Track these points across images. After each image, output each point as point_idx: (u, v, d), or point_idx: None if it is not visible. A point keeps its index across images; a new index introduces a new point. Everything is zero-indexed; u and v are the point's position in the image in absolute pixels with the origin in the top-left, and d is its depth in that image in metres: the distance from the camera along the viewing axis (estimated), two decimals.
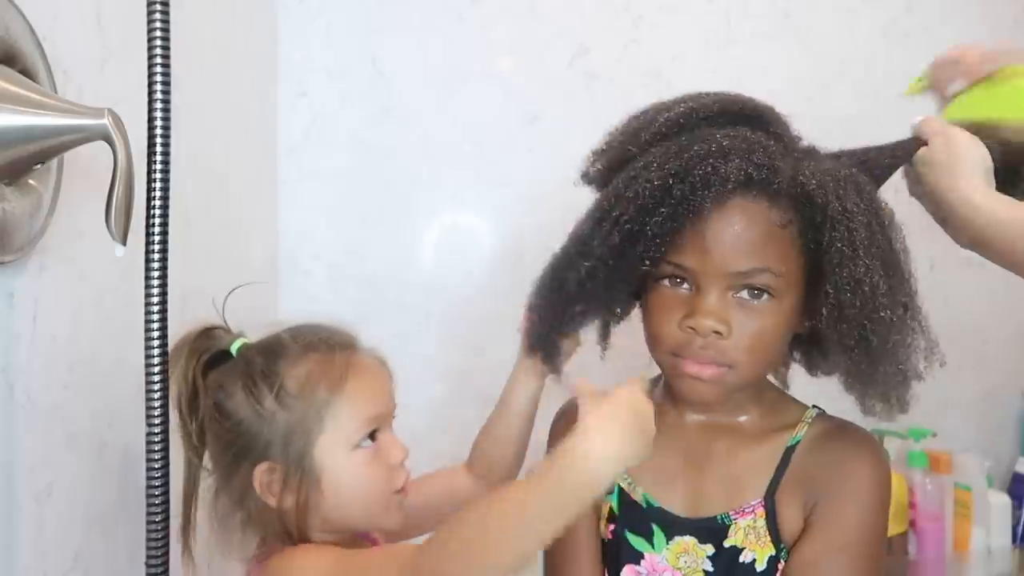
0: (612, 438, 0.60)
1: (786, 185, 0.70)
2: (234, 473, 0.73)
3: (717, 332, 0.71)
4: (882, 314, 0.69)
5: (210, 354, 0.76)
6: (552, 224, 1.56)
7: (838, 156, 0.78)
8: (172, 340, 0.72)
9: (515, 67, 1.51)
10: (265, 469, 0.71)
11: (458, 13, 1.49)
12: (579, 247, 0.77)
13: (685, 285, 0.74)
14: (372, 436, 0.74)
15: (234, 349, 0.75)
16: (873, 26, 1.65)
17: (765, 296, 0.72)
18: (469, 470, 0.94)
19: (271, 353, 0.74)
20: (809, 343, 0.81)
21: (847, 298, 0.69)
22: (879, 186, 0.79)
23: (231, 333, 0.78)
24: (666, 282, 0.75)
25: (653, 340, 0.77)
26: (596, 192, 0.82)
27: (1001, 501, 1.57)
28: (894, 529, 1.48)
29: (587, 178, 0.84)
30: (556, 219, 1.56)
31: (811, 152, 0.77)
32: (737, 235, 0.71)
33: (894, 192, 0.80)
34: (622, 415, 0.61)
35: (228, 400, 0.73)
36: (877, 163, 0.78)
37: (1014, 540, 1.57)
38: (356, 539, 0.80)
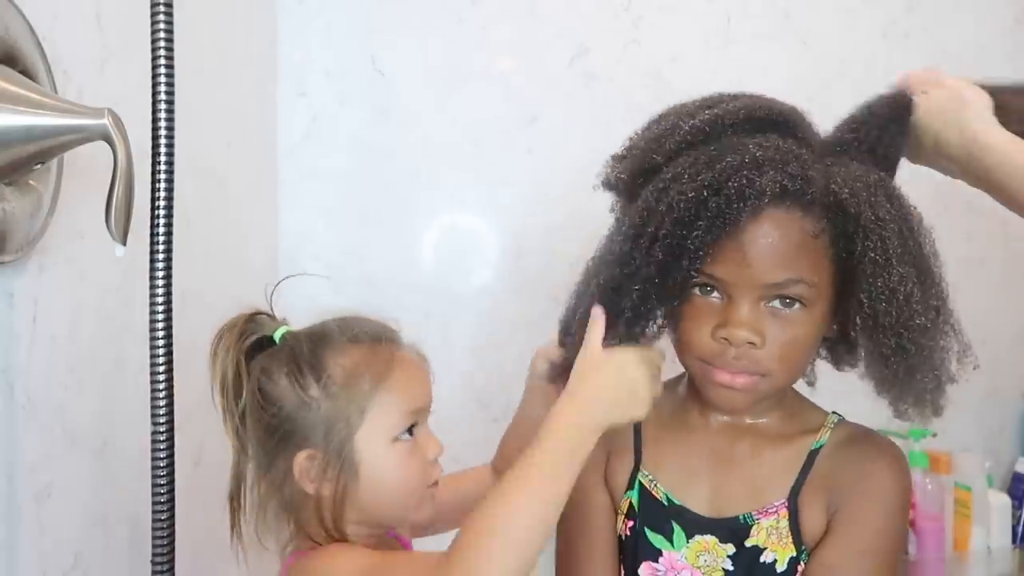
0: (599, 407, 0.69)
1: (819, 194, 0.70)
2: (276, 459, 0.72)
3: (751, 343, 0.71)
4: (917, 321, 0.68)
5: (255, 338, 0.75)
6: (552, 224, 1.57)
7: (852, 145, 0.76)
8: (176, 339, 0.72)
9: (515, 67, 1.51)
10: (306, 456, 0.71)
11: (458, 13, 1.49)
12: (623, 268, 0.72)
13: (716, 294, 0.74)
14: (410, 430, 0.75)
15: (278, 336, 0.75)
16: (873, 26, 1.65)
17: (797, 305, 0.72)
18: (495, 471, 0.94)
19: (318, 341, 0.74)
20: (836, 344, 0.81)
21: (883, 307, 0.68)
22: (897, 160, 0.79)
23: (276, 320, 0.78)
24: (697, 291, 0.74)
25: (684, 347, 0.77)
26: (617, 198, 0.81)
27: (1001, 501, 1.57)
28: None
29: (608, 184, 0.82)
30: (556, 219, 1.56)
31: (838, 154, 0.75)
32: (771, 246, 0.70)
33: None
34: (611, 381, 0.70)
35: (273, 386, 0.73)
36: (883, 137, 0.78)
37: (1014, 540, 1.57)
38: (386, 539, 0.80)
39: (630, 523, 0.82)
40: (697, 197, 0.69)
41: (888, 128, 0.78)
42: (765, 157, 0.69)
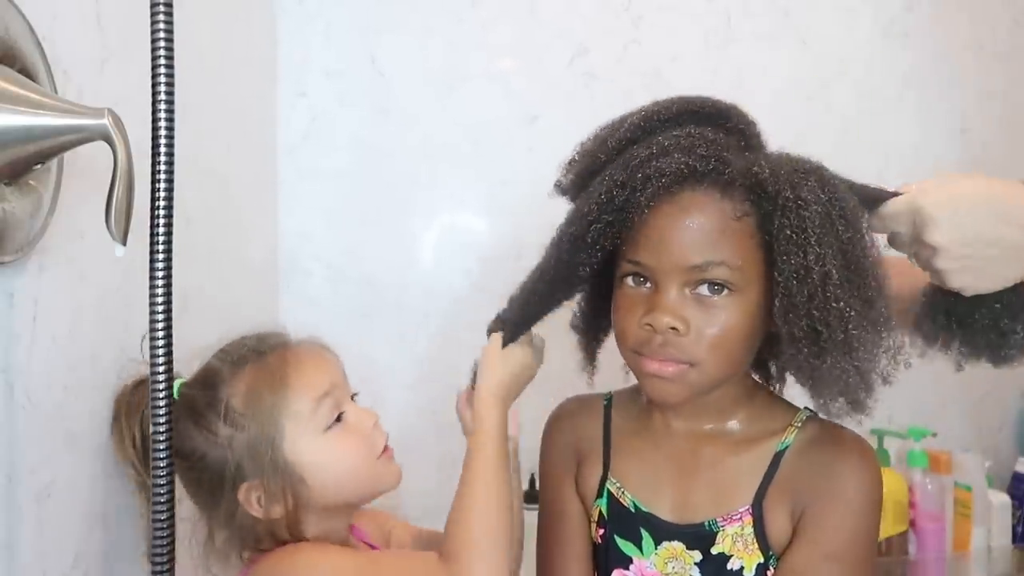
0: (504, 389, 0.82)
1: (738, 176, 0.70)
2: (216, 505, 0.74)
3: (674, 328, 0.71)
4: (834, 305, 0.66)
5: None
6: (552, 224, 1.56)
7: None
8: (176, 339, 0.73)
9: (515, 67, 1.51)
10: (246, 490, 0.72)
11: (458, 14, 1.49)
12: (540, 269, 0.81)
13: (647, 284, 0.74)
14: (339, 419, 0.76)
15: (175, 392, 0.76)
16: (873, 26, 1.65)
17: (725, 291, 0.71)
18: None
19: (207, 383, 0.75)
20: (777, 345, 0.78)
21: (795, 286, 0.67)
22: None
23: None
24: (629, 280, 0.75)
25: (618, 338, 0.77)
26: (570, 203, 0.82)
27: (1001, 501, 1.57)
28: (894, 529, 1.48)
29: (560, 189, 0.83)
30: (556, 219, 1.56)
31: (781, 154, 0.75)
32: (690, 229, 0.70)
33: None
34: (499, 376, 0.83)
35: (185, 442, 0.74)
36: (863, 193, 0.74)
37: (1014, 540, 1.57)
38: (351, 540, 0.80)
39: (601, 531, 0.82)
40: (608, 194, 0.71)
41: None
42: (674, 144, 0.70)
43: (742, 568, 0.75)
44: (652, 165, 0.69)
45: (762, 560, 0.75)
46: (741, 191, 0.70)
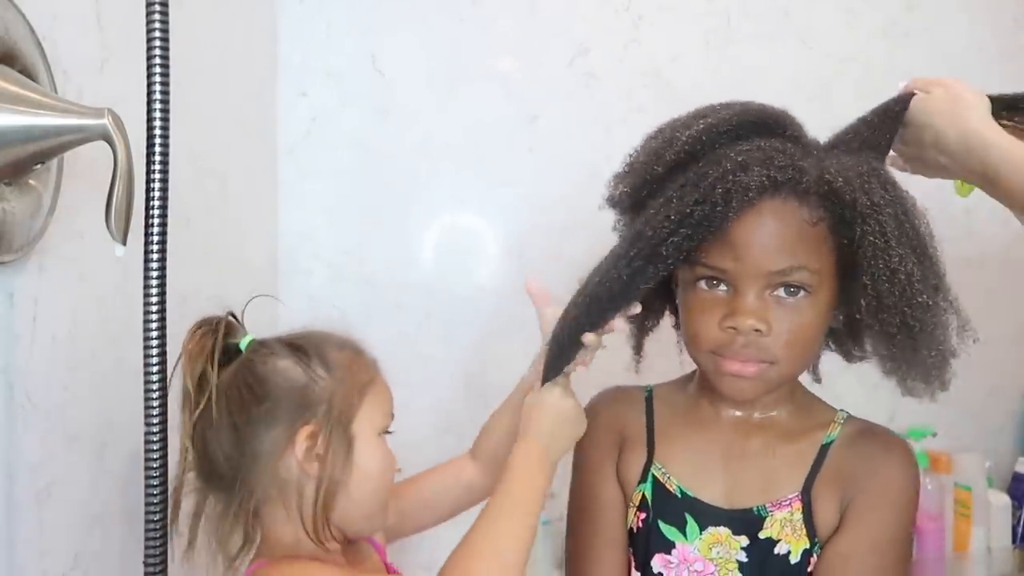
0: (551, 446, 0.79)
1: (813, 184, 0.72)
2: (271, 440, 0.72)
3: (758, 330, 0.73)
4: (919, 299, 0.71)
5: (222, 344, 0.75)
6: (552, 224, 1.57)
7: (847, 142, 0.80)
8: (171, 340, 0.72)
9: (515, 67, 1.51)
10: (310, 432, 0.72)
11: (458, 13, 1.49)
12: (604, 283, 0.77)
13: (722, 286, 0.76)
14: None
15: (244, 344, 0.76)
16: (873, 26, 1.65)
17: (801, 293, 0.74)
18: (474, 457, 0.95)
19: (315, 338, 0.77)
20: (843, 334, 0.83)
21: (885, 288, 0.71)
22: (888, 147, 0.83)
23: (243, 329, 0.79)
24: (703, 284, 0.77)
25: (693, 340, 0.79)
26: (620, 216, 0.85)
27: (1001, 501, 1.57)
28: None
29: (612, 201, 0.85)
30: (556, 219, 1.56)
31: (830, 149, 0.79)
32: (771, 235, 0.73)
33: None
34: (552, 423, 0.80)
35: (277, 365, 0.74)
36: (879, 132, 0.81)
37: (1014, 540, 1.57)
38: (362, 545, 0.81)
39: (642, 515, 0.83)
40: (686, 211, 0.72)
41: (884, 120, 0.82)
42: (750, 159, 0.72)
43: (789, 553, 0.78)
44: (731, 180, 0.71)
45: (808, 546, 0.78)
46: (815, 198, 0.73)
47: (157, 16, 0.67)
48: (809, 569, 0.78)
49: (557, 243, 1.45)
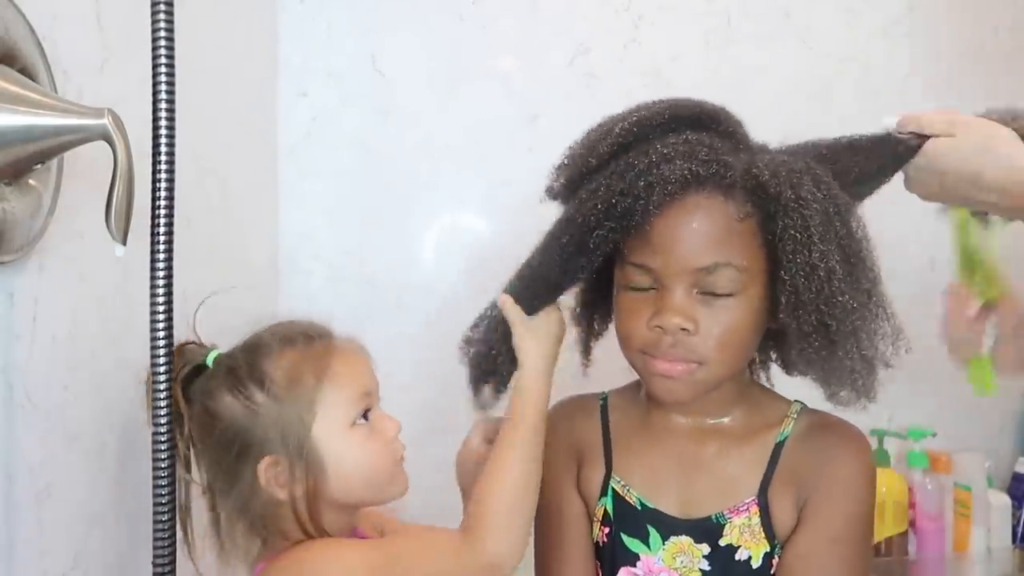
0: (546, 360, 0.81)
1: (739, 178, 0.71)
2: (237, 477, 0.73)
3: (684, 329, 0.72)
4: (839, 299, 0.69)
5: (188, 368, 0.76)
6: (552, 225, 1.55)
7: (820, 156, 0.78)
8: (177, 339, 0.73)
9: (515, 67, 1.51)
10: (269, 463, 0.72)
11: (458, 13, 1.49)
12: (533, 269, 0.82)
13: (651, 286, 0.75)
14: (365, 416, 0.76)
15: (210, 360, 0.76)
16: (873, 26, 1.65)
17: (729, 290, 0.73)
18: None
19: (252, 352, 0.75)
20: (783, 341, 0.80)
21: (802, 283, 0.69)
22: (878, 187, 0.81)
23: (203, 346, 0.79)
24: (633, 283, 0.76)
25: (623, 341, 0.78)
26: (561, 206, 0.83)
27: (1001, 501, 1.57)
28: (894, 529, 1.48)
29: (551, 193, 0.84)
30: (555, 220, 1.55)
31: (766, 148, 0.78)
32: (696, 231, 0.72)
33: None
34: (545, 344, 0.82)
35: (218, 404, 0.73)
36: (867, 162, 0.79)
37: (1014, 540, 1.57)
38: (352, 531, 0.80)
39: (606, 529, 0.82)
40: (609, 202, 0.71)
41: (881, 158, 0.80)
42: (674, 151, 0.71)
43: (750, 558, 0.77)
44: (654, 173, 0.70)
45: (768, 549, 0.77)
46: (742, 193, 0.72)
47: (162, 16, 0.67)
48: (772, 572, 0.77)
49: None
